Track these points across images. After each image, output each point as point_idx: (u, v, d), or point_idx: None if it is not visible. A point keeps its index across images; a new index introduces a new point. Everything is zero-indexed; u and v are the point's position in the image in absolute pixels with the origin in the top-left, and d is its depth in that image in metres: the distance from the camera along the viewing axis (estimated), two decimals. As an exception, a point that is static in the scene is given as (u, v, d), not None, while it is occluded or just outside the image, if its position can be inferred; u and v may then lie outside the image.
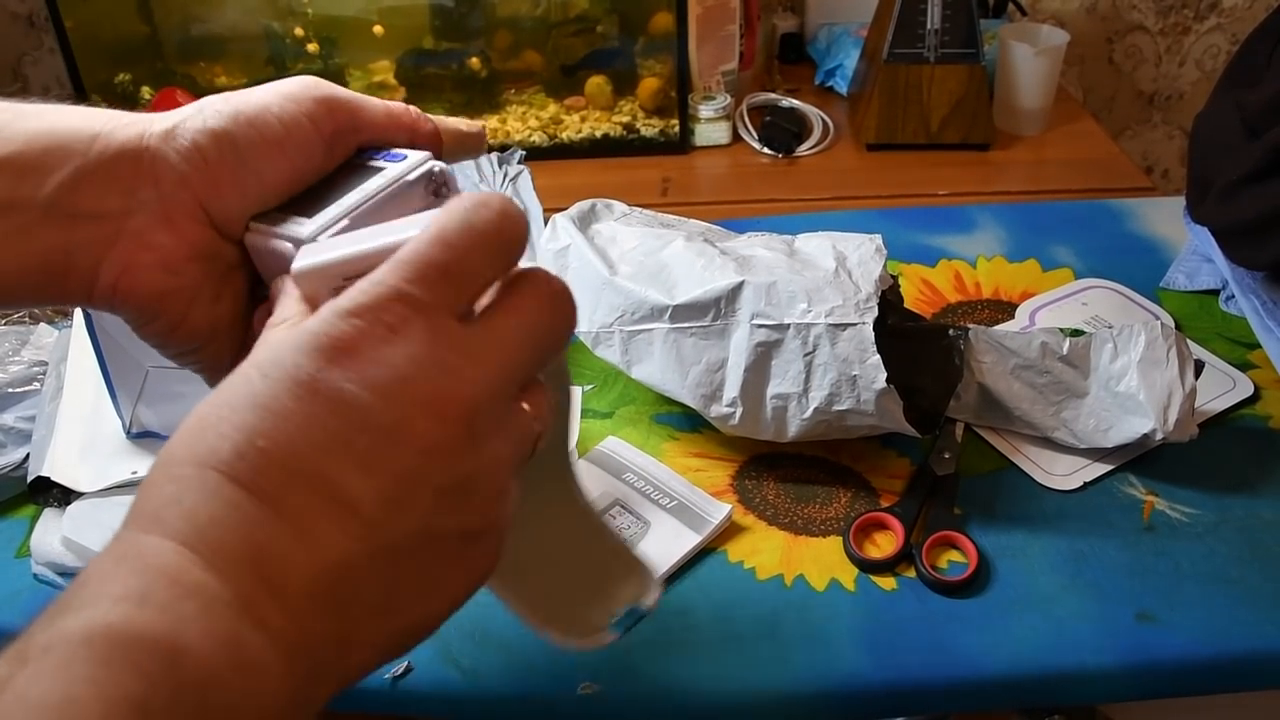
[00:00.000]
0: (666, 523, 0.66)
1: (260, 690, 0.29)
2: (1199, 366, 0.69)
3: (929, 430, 0.70)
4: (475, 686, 0.58)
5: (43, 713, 0.26)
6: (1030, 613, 0.61)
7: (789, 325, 0.66)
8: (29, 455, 0.71)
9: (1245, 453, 0.71)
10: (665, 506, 0.67)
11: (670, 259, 0.71)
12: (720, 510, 0.67)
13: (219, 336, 0.43)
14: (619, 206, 0.80)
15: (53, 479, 0.68)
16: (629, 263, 0.72)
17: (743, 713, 0.58)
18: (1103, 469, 0.70)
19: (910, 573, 0.64)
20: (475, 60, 1.55)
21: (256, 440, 0.32)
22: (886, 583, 0.64)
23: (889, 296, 0.73)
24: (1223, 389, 0.76)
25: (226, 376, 0.34)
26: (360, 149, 0.44)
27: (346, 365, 0.33)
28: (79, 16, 1.47)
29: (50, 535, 0.66)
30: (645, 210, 0.80)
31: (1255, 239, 0.78)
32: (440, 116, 0.47)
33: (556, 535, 0.40)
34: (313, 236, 0.40)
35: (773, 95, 1.64)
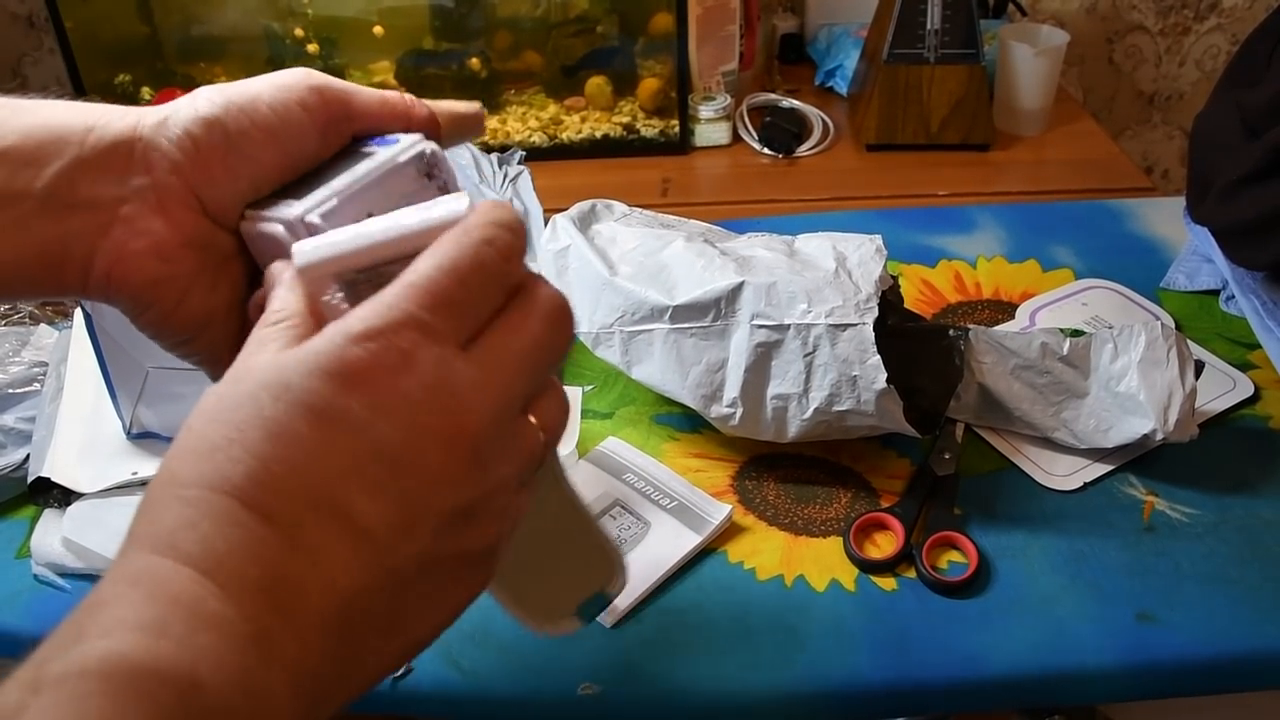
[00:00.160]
0: (667, 523, 0.66)
1: (269, 718, 0.30)
2: (1199, 366, 0.69)
3: (929, 430, 0.70)
4: (475, 687, 0.58)
5: None
6: (1030, 613, 0.61)
7: (789, 326, 0.66)
8: (29, 456, 0.71)
9: (1245, 453, 0.71)
10: (665, 507, 0.67)
11: (670, 259, 0.71)
12: (720, 511, 0.67)
13: (215, 326, 0.43)
14: (619, 207, 0.80)
15: (53, 479, 0.68)
16: (629, 263, 0.72)
17: (743, 713, 0.58)
18: (1103, 469, 0.70)
19: (910, 573, 0.64)
20: (475, 61, 1.55)
21: (271, 466, 0.32)
22: (886, 583, 0.64)
23: (889, 297, 0.73)
24: (1223, 389, 0.76)
25: (225, 373, 0.34)
26: (356, 138, 0.44)
27: (360, 392, 0.33)
28: (79, 17, 1.47)
29: (50, 536, 0.66)
30: (645, 211, 0.80)
31: (1255, 239, 0.78)
32: (436, 101, 0.47)
33: (532, 517, 0.40)
34: (300, 217, 0.40)
35: (773, 96, 1.64)
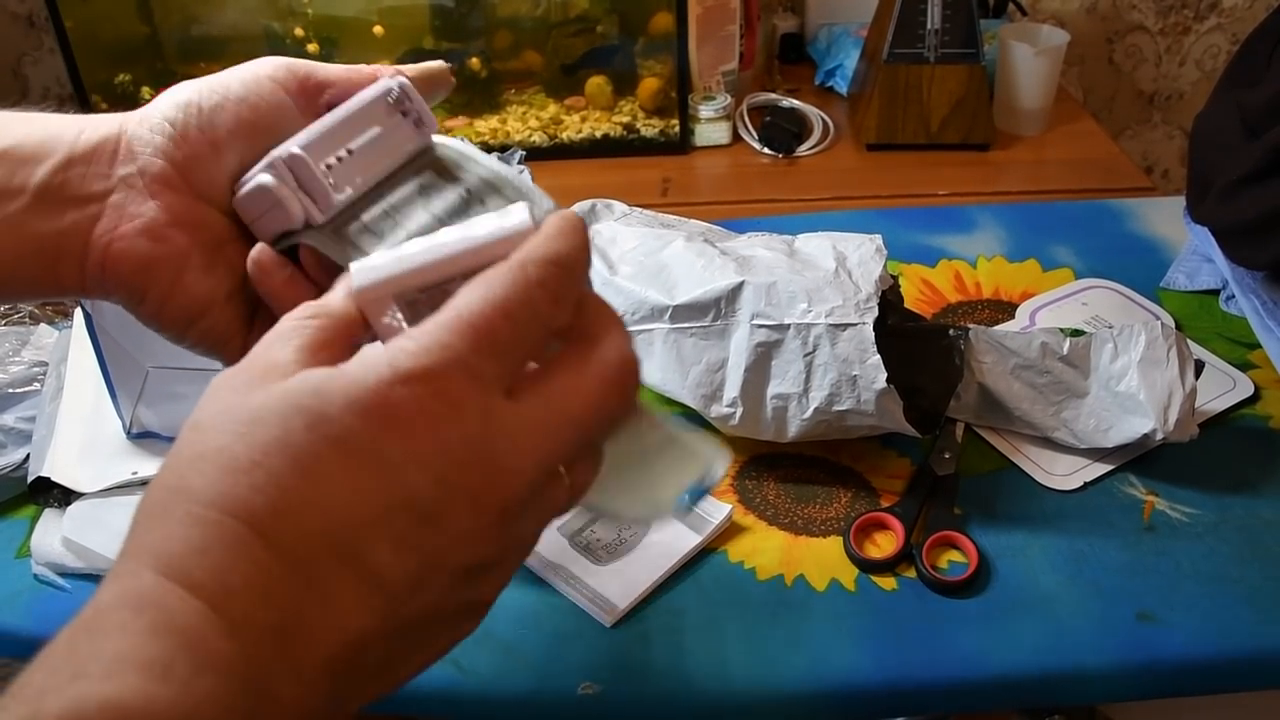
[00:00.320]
0: (666, 523, 0.66)
1: None
2: (1199, 366, 0.69)
3: (929, 430, 0.70)
4: (475, 686, 0.58)
5: None
6: (1030, 613, 0.61)
7: (789, 325, 0.66)
8: (29, 455, 0.71)
9: (1245, 453, 0.71)
10: (665, 506, 0.67)
11: (670, 259, 0.71)
12: (720, 510, 0.67)
13: (215, 311, 0.43)
14: (619, 207, 0.80)
15: (53, 479, 0.68)
16: (629, 263, 0.72)
17: (743, 712, 0.58)
18: (1103, 469, 0.70)
19: (910, 573, 0.64)
20: (475, 60, 1.55)
21: (294, 499, 0.30)
22: (887, 583, 0.64)
23: (889, 296, 0.73)
24: (1223, 389, 0.76)
25: (235, 358, 0.34)
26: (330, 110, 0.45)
27: (398, 437, 0.31)
28: (79, 17, 1.47)
29: (50, 536, 0.66)
30: (645, 210, 0.80)
31: (1255, 239, 0.78)
32: (404, 65, 0.48)
33: (619, 442, 0.39)
34: (279, 156, 0.41)
35: (773, 95, 1.64)
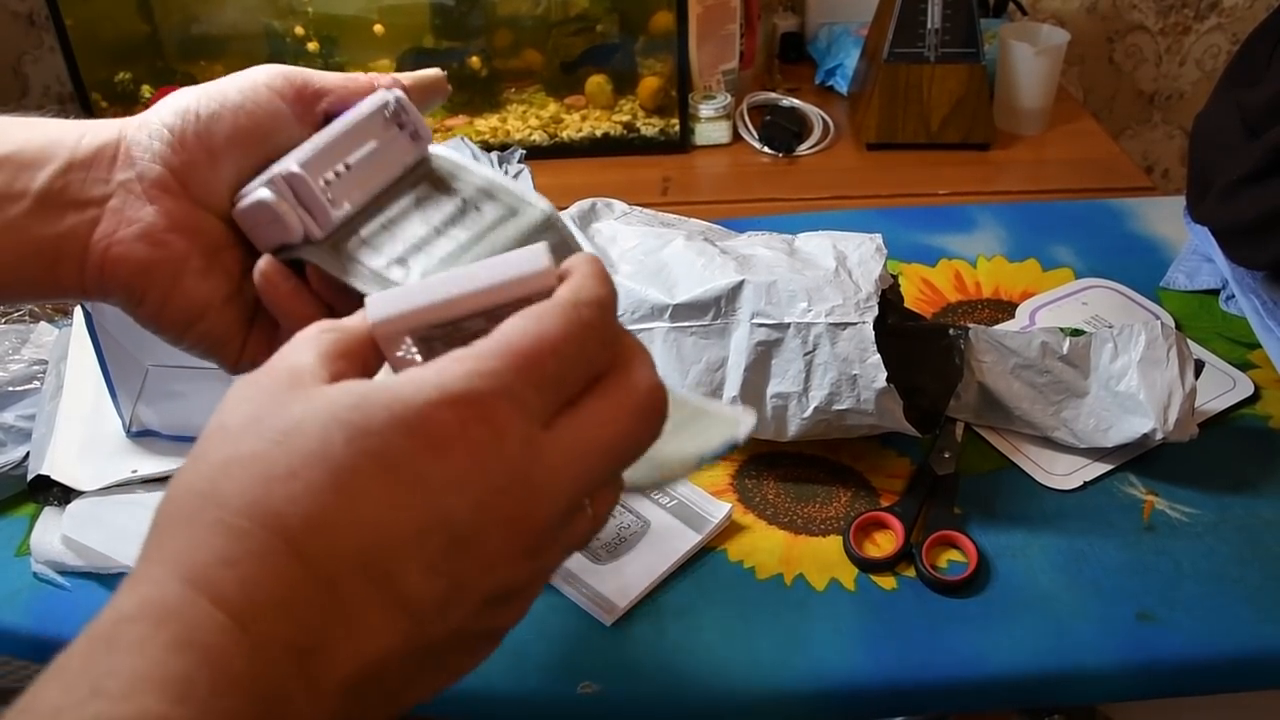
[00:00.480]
0: (666, 522, 0.66)
1: None
2: (1199, 366, 0.69)
3: (929, 430, 0.70)
4: (475, 686, 0.58)
5: None
6: (1030, 613, 0.61)
7: (789, 324, 0.66)
8: (29, 454, 0.71)
9: (1245, 453, 0.71)
10: (665, 505, 0.67)
11: (670, 258, 0.71)
12: (720, 509, 0.67)
13: (212, 314, 0.44)
14: (619, 205, 0.80)
15: (53, 477, 0.68)
16: (629, 262, 0.72)
17: (743, 712, 0.58)
18: (1103, 469, 0.70)
19: (910, 572, 0.64)
20: (475, 59, 1.55)
21: (330, 513, 0.30)
22: (886, 582, 0.64)
23: (889, 296, 0.73)
24: (1223, 389, 0.76)
25: (233, 363, 0.34)
26: (328, 120, 0.45)
27: (442, 459, 0.31)
28: (79, 15, 1.47)
29: (50, 534, 0.66)
30: (645, 209, 0.80)
31: (1255, 239, 0.78)
32: (399, 73, 0.48)
33: None
34: (279, 172, 0.41)
35: (773, 95, 1.64)
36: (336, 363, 0.34)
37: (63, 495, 0.68)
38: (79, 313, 0.75)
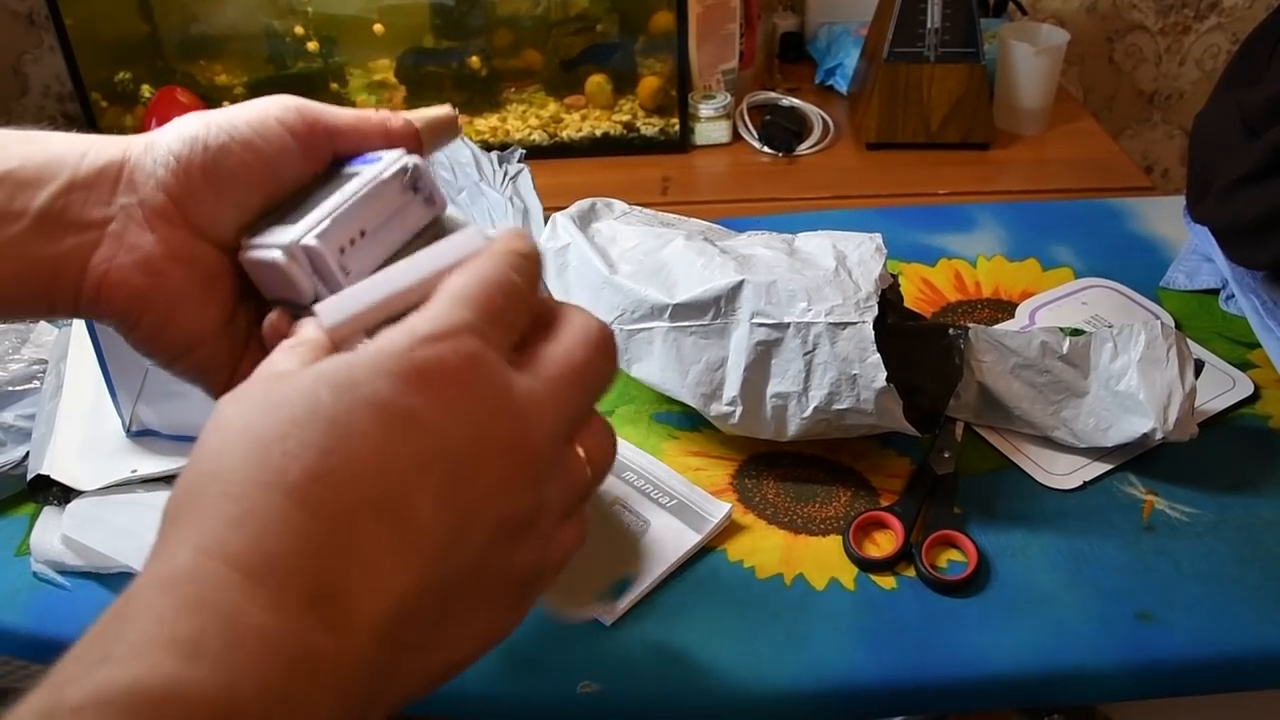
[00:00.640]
0: (666, 522, 0.66)
1: None
2: (1199, 366, 0.69)
3: (929, 429, 0.70)
4: (475, 685, 0.58)
5: None
6: (1030, 612, 0.61)
7: (789, 324, 0.66)
8: (29, 453, 0.71)
9: (1245, 452, 0.71)
10: (665, 505, 0.67)
11: (670, 258, 0.71)
12: (720, 509, 0.67)
13: (205, 344, 0.44)
14: (619, 205, 0.80)
15: (52, 477, 0.68)
16: (629, 261, 0.72)
17: (743, 712, 0.58)
18: (1102, 468, 0.70)
19: (910, 572, 0.64)
20: (475, 59, 1.55)
21: (330, 460, 0.30)
22: (886, 582, 0.64)
23: (889, 295, 0.73)
24: (1223, 388, 0.76)
25: (222, 389, 0.34)
26: (337, 159, 0.45)
27: (428, 392, 0.32)
28: (79, 15, 1.47)
29: (50, 533, 0.66)
30: (645, 209, 0.80)
31: (1255, 239, 0.78)
32: (410, 111, 0.47)
33: None
34: (296, 241, 0.41)
35: (773, 94, 1.64)
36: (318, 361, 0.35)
37: (62, 495, 0.68)
38: (79, 312, 0.75)
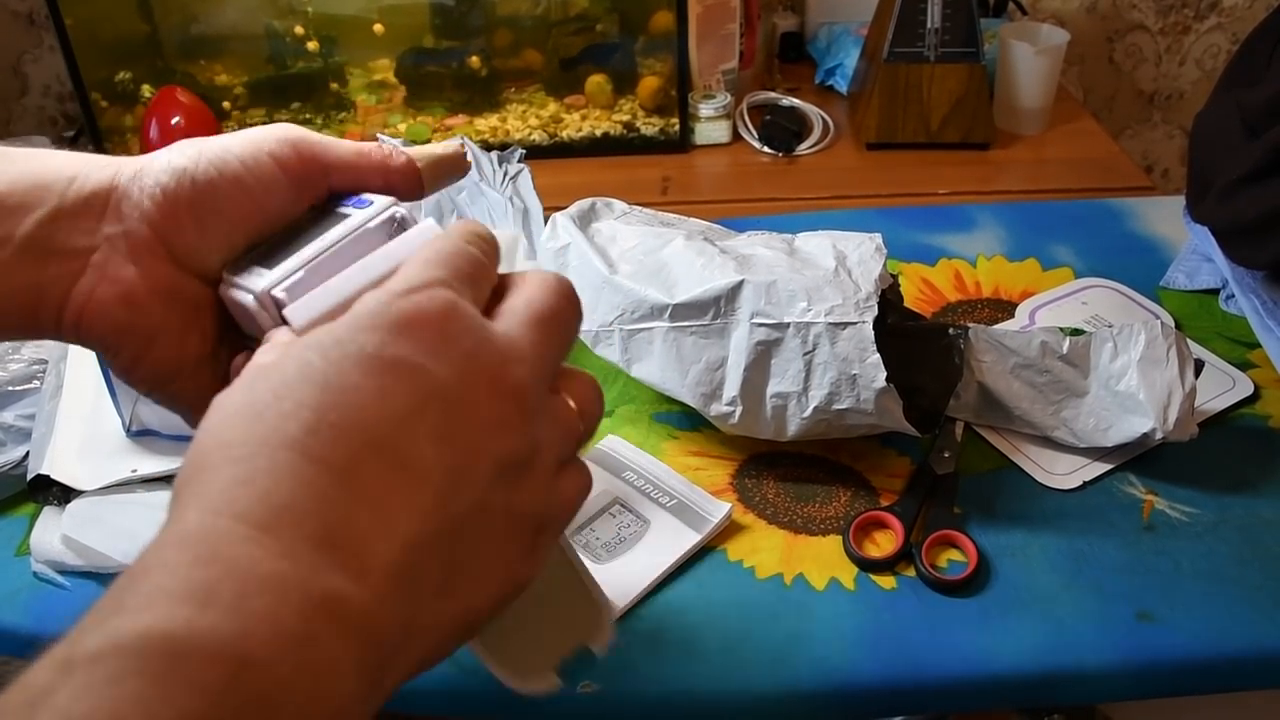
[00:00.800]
0: (666, 521, 0.66)
1: (331, 693, 0.28)
2: (1199, 366, 0.69)
3: (929, 429, 0.70)
4: (475, 684, 0.58)
5: None
6: (1030, 612, 0.61)
7: (789, 324, 0.66)
8: (29, 453, 0.71)
9: (1245, 452, 0.71)
10: (665, 505, 0.67)
11: (670, 258, 0.71)
12: (720, 509, 0.67)
13: (185, 374, 0.43)
14: (619, 205, 0.80)
15: (52, 477, 0.68)
16: (629, 261, 0.72)
17: (742, 712, 0.58)
18: (1102, 468, 0.70)
19: (910, 572, 0.64)
20: (475, 59, 1.55)
21: (327, 414, 0.31)
22: (886, 582, 0.64)
23: (889, 295, 0.73)
24: (1223, 388, 0.76)
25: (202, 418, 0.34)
26: (333, 194, 0.44)
27: (412, 338, 0.33)
28: (79, 15, 1.47)
29: (50, 533, 0.66)
30: (645, 209, 0.80)
31: (1255, 238, 0.78)
32: (415, 147, 0.47)
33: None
34: (267, 290, 0.40)
35: (773, 94, 1.64)
36: None
37: (62, 495, 0.68)
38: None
